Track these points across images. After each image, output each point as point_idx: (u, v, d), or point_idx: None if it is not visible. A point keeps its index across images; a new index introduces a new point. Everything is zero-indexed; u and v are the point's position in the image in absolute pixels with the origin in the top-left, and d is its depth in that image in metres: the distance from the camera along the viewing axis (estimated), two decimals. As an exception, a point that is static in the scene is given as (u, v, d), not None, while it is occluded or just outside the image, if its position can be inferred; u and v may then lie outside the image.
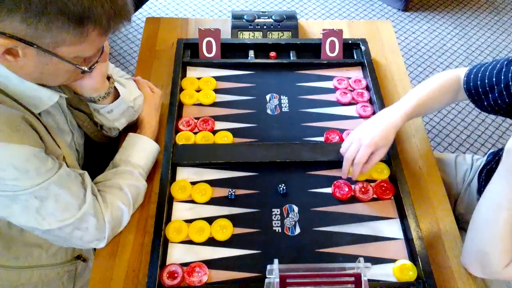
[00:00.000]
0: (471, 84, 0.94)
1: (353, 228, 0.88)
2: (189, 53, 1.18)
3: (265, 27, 1.24)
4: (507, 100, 0.88)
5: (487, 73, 0.91)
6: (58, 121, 0.84)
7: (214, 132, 1.02)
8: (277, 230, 0.88)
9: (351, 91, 1.12)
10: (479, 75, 0.93)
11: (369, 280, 0.71)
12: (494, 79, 0.90)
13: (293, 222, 0.89)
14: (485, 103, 0.93)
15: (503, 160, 0.76)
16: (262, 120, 1.06)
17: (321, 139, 1.02)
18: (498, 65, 0.90)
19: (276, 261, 0.68)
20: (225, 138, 1.00)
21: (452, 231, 0.90)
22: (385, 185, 0.94)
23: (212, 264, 0.82)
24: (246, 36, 1.24)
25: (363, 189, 0.93)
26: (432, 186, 0.97)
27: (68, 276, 0.95)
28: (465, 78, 0.95)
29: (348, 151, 0.90)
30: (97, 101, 0.86)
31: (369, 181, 0.95)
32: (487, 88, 0.91)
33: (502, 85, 0.88)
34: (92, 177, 0.84)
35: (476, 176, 1.11)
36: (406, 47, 2.41)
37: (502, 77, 0.88)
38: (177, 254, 0.83)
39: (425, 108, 0.96)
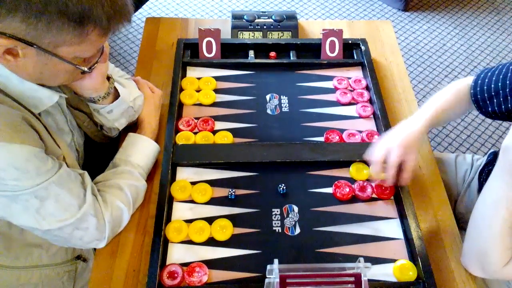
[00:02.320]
0: (478, 89, 0.93)
1: (353, 228, 0.88)
2: (189, 53, 1.18)
3: (265, 27, 1.24)
4: (510, 106, 0.88)
5: (494, 78, 0.91)
6: (58, 121, 0.84)
7: (214, 132, 1.02)
8: (277, 230, 0.88)
9: (351, 91, 1.12)
10: (486, 80, 0.92)
11: (369, 280, 0.71)
12: (499, 84, 0.89)
13: (293, 222, 0.89)
14: (489, 109, 0.92)
15: (499, 159, 0.76)
16: (262, 120, 1.06)
17: (321, 139, 1.02)
18: (504, 70, 0.90)
19: (276, 261, 0.68)
20: (225, 138, 1.00)
21: (452, 231, 0.90)
22: (385, 185, 0.94)
23: (212, 264, 0.82)
24: (246, 36, 1.24)
25: (362, 188, 0.93)
26: (432, 186, 0.97)
27: (68, 276, 0.95)
28: (473, 84, 0.95)
29: (376, 154, 0.90)
30: (97, 101, 0.86)
31: (369, 180, 0.95)
32: (493, 93, 0.90)
33: (507, 90, 0.87)
34: (92, 177, 0.84)
35: (476, 176, 1.11)
36: (406, 47, 2.41)
37: (508, 82, 0.87)
38: (177, 254, 0.83)
39: (443, 118, 0.97)
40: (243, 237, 0.86)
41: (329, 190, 0.94)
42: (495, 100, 0.90)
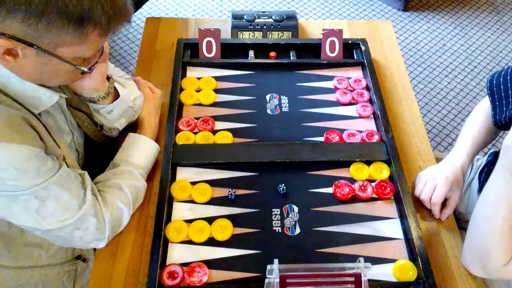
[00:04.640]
0: (494, 82, 0.94)
1: (353, 228, 0.88)
2: (189, 53, 1.18)
3: (265, 27, 1.24)
4: None
5: (509, 70, 0.92)
6: (58, 121, 0.84)
7: (214, 132, 1.02)
8: (277, 230, 0.88)
9: (351, 91, 1.12)
10: (502, 73, 0.93)
11: (369, 280, 0.71)
12: None
13: (293, 222, 0.89)
14: (504, 109, 0.91)
15: (500, 158, 0.76)
16: (262, 120, 1.06)
17: (321, 139, 1.02)
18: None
19: (276, 261, 0.68)
20: (225, 138, 1.00)
21: (452, 231, 0.90)
22: (385, 185, 0.94)
23: (212, 264, 0.82)
24: (246, 36, 1.24)
25: (362, 188, 0.93)
26: (432, 186, 0.97)
27: (68, 276, 0.95)
28: (488, 83, 0.96)
29: (423, 192, 0.91)
30: (97, 102, 0.86)
31: (369, 180, 0.95)
32: (509, 84, 0.91)
33: None
34: (92, 177, 0.84)
35: (476, 176, 1.11)
36: (406, 47, 2.41)
37: None
38: (177, 254, 0.83)
39: (481, 144, 0.98)
40: (243, 237, 0.86)
41: (329, 190, 0.94)
42: (510, 92, 0.91)
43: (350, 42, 1.21)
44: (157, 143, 0.96)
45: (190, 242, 0.85)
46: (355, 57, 1.21)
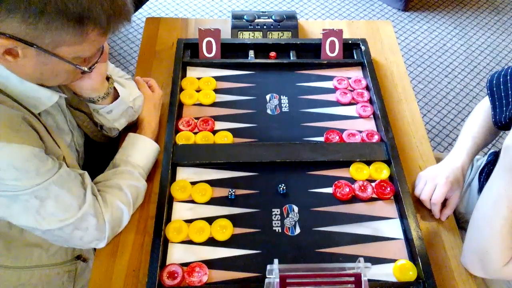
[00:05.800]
0: (494, 82, 0.94)
1: (353, 228, 0.88)
2: (189, 53, 1.18)
3: (265, 27, 1.24)
4: None
5: (508, 77, 0.92)
6: (58, 121, 0.84)
7: (214, 132, 1.02)
8: (277, 230, 0.88)
9: (351, 91, 1.12)
10: (502, 73, 0.93)
11: (369, 280, 0.71)
12: None
13: (293, 222, 0.89)
14: (505, 109, 0.92)
15: (501, 157, 0.76)
16: (262, 120, 1.06)
17: (321, 139, 1.02)
18: None
19: (276, 261, 0.68)
20: (225, 138, 1.00)
21: (452, 231, 0.90)
22: (385, 185, 0.94)
23: (212, 264, 0.82)
24: (246, 36, 1.24)
25: (362, 188, 0.93)
26: (432, 186, 0.97)
27: (68, 276, 0.95)
28: (488, 83, 0.96)
29: (424, 192, 0.91)
30: (97, 102, 0.86)
31: (369, 180, 0.95)
32: (509, 84, 0.91)
33: None
34: (92, 177, 0.84)
35: (476, 176, 1.11)
36: (406, 47, 2.41)
37: None
38: (177, 254, 0.83)
39: (481, 144, 0.98)
40: (243, 237, 0.86)
41: (329, 190, 0.94)
42: (510, 92, 0.91)
43: (350, 42, 1.21)
44: (157, 143, 0.96)
45: (190, 242, 0.85)
46: (355, 57, 1.21)
